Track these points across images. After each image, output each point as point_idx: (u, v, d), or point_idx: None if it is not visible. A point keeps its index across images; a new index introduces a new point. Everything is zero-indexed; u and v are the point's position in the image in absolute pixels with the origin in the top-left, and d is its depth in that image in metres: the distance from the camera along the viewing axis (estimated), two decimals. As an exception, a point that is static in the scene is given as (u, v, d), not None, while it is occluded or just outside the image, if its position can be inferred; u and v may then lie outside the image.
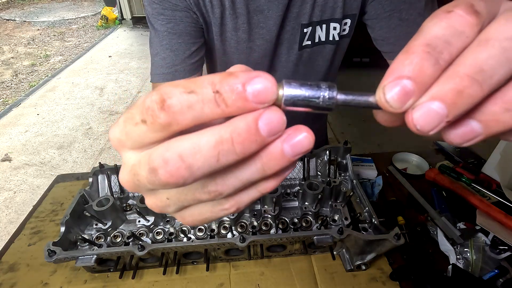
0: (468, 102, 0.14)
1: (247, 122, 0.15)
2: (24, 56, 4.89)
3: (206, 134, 0.15)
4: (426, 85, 0.15)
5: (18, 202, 2.25)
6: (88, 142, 2.90)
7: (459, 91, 0.14)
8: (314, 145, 0.16)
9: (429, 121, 0.15)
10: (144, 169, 0.16)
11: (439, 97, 0.14)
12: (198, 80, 0.15)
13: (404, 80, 0.14)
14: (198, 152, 0.15)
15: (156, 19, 0.63)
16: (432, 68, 0.15)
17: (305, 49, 0.71)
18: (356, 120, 3.08)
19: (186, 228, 0.67)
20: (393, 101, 0.15)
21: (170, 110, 0.15)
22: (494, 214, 0.71)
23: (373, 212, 0.63)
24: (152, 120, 0.15)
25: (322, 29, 0.68)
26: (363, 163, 0.91)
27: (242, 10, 0.63)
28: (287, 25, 0.67)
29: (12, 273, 0.66)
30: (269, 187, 0.18)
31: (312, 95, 0.16)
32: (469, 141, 0.16)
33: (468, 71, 0.14)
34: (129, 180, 0.18)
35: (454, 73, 0.14)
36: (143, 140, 0.16)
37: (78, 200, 0.66)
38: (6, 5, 7.53)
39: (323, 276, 0.64)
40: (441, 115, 0.14)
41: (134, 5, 6.14)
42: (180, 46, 0.65)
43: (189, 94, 0.15)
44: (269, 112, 0.15)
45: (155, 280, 0.64)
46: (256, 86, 0.15)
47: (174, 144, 0.15)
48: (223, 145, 0.15)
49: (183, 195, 0.18)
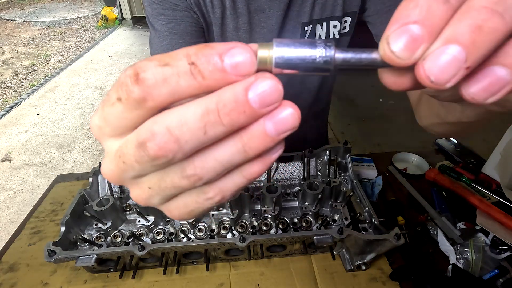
0: (490, 40, 0.12)
1: (234, 92, 0.14)
2: (24, 56, 4.89)
3: (192, 105, 0.14)
4: (437, 28, 0.12)
5: (18, 202, 2.25)
6: (88, 142, 2.90)
7: (478, 27, 0.12)
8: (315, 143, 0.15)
9: (445, 70, 0.12)
10: (132, 146, 0.15)
11: (454, 39, 0.12)
12: (173, 53, 0.14)
13: (410, 25, 0.12)
14: (185, 124, 0.14)
15: (156, 19, 0.63)
16: (442, 7, 0.12)
17: None
18: (356, 120, 3.08)
19: (186, 228, 0.67)
20: (400, 52, 0.13)
21: (144, 84, 0.14)
22: (494, 214, 0.70)
23: (373, 212, 0.63)
24: (126, 96, 0.14)
25: (323, 27, 0.68)
26: (363, 163, 0.91)
27: (243, 10, 0.63)
28: (288, 24, 0.67)
29: (12, 273, 0.66)
30: (255, 171, 0.17)
31: (306, 54, 0.14)
32: (496, 94, 0.13)
33: (485, 2, 0.12)
34: (113, 168, 0.17)
35: (468, 8, 0.12)
36: (121, 122, 0.15)
37: (78, 200, 0.66)
38: (6, 5, 7.53)
39: (323, 276, 0.64)
40: (458, 60, 0.12)
41: (134, 5, 6.14)
42: (181, 46, 0.64)
43: (164, 67, 0.14)
44: (260, 81, 0.14)
45: (155, 280, 0.64)
46: (234, 57, 0.14)
47: (161, 118, 0.14)
48: (209, 116, 0.14)
49: (163, 183, 0.17)
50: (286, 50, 0.14)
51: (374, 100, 3.38)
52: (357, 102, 3.33)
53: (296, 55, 0.14)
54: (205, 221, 0.69)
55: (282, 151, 0.16)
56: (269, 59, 0.14)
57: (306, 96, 0.86)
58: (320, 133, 1.03)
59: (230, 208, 0.64)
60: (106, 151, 0.17)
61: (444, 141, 1.03)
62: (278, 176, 0.77)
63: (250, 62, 0.14)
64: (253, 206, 0.69)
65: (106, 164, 0.17)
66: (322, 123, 1.03)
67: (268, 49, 0.14)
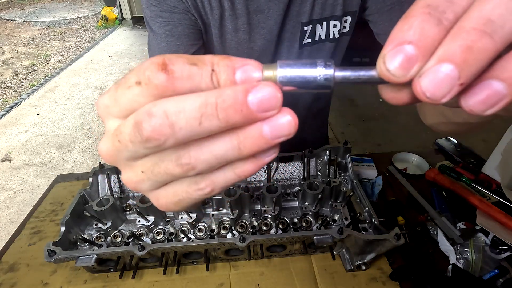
0: (481, 58, 0.13)
1: (235, 91, 0.15)
2: (24, 56, 4.89)
3: (194, 95, 0.15)
4: (430, 48, 0.13)
5: (18, 202, 2.25)
6: (88, 142, 2.90)
7: (468, 47, 0.12)
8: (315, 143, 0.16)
9: (440, 87, 0.13)
10: (129, 125, 0.16)
11: (447, 58, 0.13)
12: (201, 57, 0.16)
13: (405, 46, 0.13)
14: (182, 111, 0.15)
15: (154, 21, 0.63)
16: (435, 29, 0.13)
17: (305, 47, 0.71)
18: (356, 120, 3.08)
19: (186, 228, 0.67)
20: (395, 70, 0.14)
21: (170, 75, 0.15)
22: (494, 214, 0.70)
23: (373, 212, 0.63)
24: (147, 81, 0.15)
25: (322, 27, 0.68)
26: (363, 163, 0.91)
27: (242, 11, 0.63)
28: (288, 24, 0.67)
29: (12, 273, 0.66)
30: (246, 170, 0.17)
31: (308, 74, 0.15)
32: (493, 107, 0.13)
33: (475, 24, 0.13)
34: (109, 146, 0.17)
35: (459, 29, 0.13)
36: (131, 105, 0.16)
37: (78, 200, 0.66)
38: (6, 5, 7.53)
39: (323, 276, 0.64)
40: (452, 77, 0.13)
41: (134, 5, 6.13)
42: (178, 48, 0.65)
43: (192, 65, 0.15)
44: (262, 87, 0.15)
45: (155, 280, 0.64)
46: (246, 72, 0.16)
47: (161, 101, 0.15)
48: (207, 108, 0.15)
49: (157, 168, 0.17)
50: (289, 71, 0.15)
51: (374, 100, 3.38)
52: (357, 102, 3.33)
53: (298, 75, 0.15)
54: (205, 221, 0.69)
55: (275, 155, 0.17)
56: (273, 78, 0.16)
57: (306, 96, 0.86)
58: (320, 133, 1.03)
59: (230, 208, 0.64)
60: (107, 129, 0.18)
61: (444, 141, 1.03)
62: (278, 176, 0.77)
63: (258, 78, 0.16)
64: (253, 206, 0.69)
65: (103, 142, 0.18)
66: (322, 123, 1.02)
67: (272, 70, 0.16)
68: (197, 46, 0.67)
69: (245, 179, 0.76)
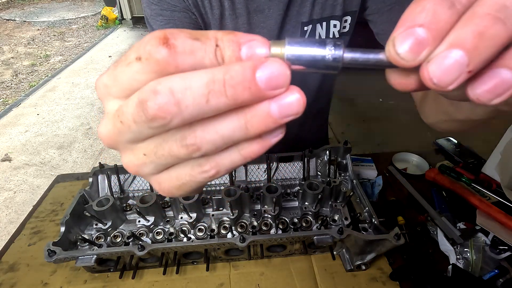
0: (492, 45, 0.12)
1: (243, 67, 0.14)
2: (24, 56, 4.89)
3: (200, 72, 0.14)
4: (442, 32, 0.13)
5: (18, 202, 2.25)
6: (88, 142, 2.90)
7: (480, 33, 0.12)
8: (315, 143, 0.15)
9: (447, 73, 0.13)
10: (132, 104, 0.15)
11: (457, 43, 0.12)
12: (204, 32, 0.15)
13: (416, 28, 0.13)
14: (189, 88, 0.14)
15: (155, 20, 0.64)
16: (448, 12, 0.13)
17: None
18: (356, 120, 3.08)
19: (186, 228, 0.67)
20: (405, 54, 0.13)
21: (172, 49, 0.14)
22: (494, 214, 0.70)
23: (373, 212, 0.63)
24: (148, 56, 0.14)
25: (323, 27, 0.68)
26: (363, 163, 0.91)
27: (242, 11, 0.63)
28: (288, 24, 0.67)
29: (12, 273, 0.66)
30: (252, 151, 0.17)
31: (316, 53, 0.15)
32: (501, 96, 0.13)
33: (489, 9, 0.12)
34: (110, 128, 0.16)
35: (472, 14, 0.12)
36: (131, 83, 0.15)
37: (78, 200, 0.66)
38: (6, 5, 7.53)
39: (323, 276, 0.64)
40: (460, 64, 0.12)
41: (134, 5, 6.13)
42: None
43: (194, 40, 0.15)
44: (271, 63, 0.14)
45: (155, 280, 0.64)
46: (252, 48, 0.15)
47: (165, 79, 0.14)
48: (214, 85, 0.14)
49: (161, 149, 0.16)
50: (298, 49, 0.15)
51: (374, 100, 3.38)
52: (357, 102, 3.33)
53: (307, 53, 0.15)
54: (205, 221, 0.69)
55: (282, 135, 0.17)
56: (281, 56, 0.15)
57: (306, 96, 0.85)
58: (320, 133, 1.03)
59: (230, 208, 0.64)
60: (107, 111, 0.17)
61: (444, 141, 1.03)
62: (278, 176, 0.77)
63: (264, 54, 0.15)
64: (253, 206, 0.69)
65: (104, 125, 0.17)
66: (322, 123, 1.02)
67: (280, 46, 0.15)
68: None
69: (245, 179, 0.76)
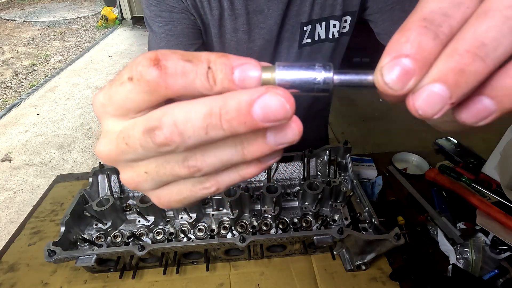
0: (472, 81, 0.13)
1: (239, 101, 0.14)
2: (24, 56, 4.89)
3: (199, 103, 0.15)
4: (427, 62, 0.13)
5: (18, 202, 2.25)
6: (88, 142, 2.90)
7: (461, 70, 0.13)
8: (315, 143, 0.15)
9: (432, 105, 0.14)
10: (139, 130, 0.16)
11: (440, 79, 0.13)
12: (196, 53, 0.15)
13: (403, 59, 0.13)
14: (189, 121, 0.15)
15: (154, 21, 0.64)
16: (432, 43, 0.13)
17: (304, 47, 0.71)
18: (356, 120, 3.08)
19: (186, 228, 0.67)
20: (393, 83, 0.14)
21: (163, 71, 0.15)
22: (494, 214, 0.70)
23: (373, 212, 0.63)
24: (139, 76, 0.15)
25: (322, 27, 0.68)
26: (363, 163, 0.91)
27: (241, 11, 0.63)
28: (287, 24, 0.67)
29: (12, 273, 0.66)
30: (250, 172, 0.18)
31: (306, 77, 0.15)
32: (483, 120, 0.14)
33: (468, 46, 0.13)
34: (112, 148, 0.17)
35: (453, 51, 0.13)
36: (125, 103, 0.16)
37: (78, 200, 0.66)
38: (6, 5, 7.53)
39: (323, 276, 0.64)
40: (443, 97, 0.13)
41: (134, 5, 6.13)
42: (177, 48, 0.66)
43: (186, 62, 0.15)
44: (269, 97, 0.14)
45: (155, 280, 0.64)
46: (244, 72, 0.15)
47: (170, 110, 0.15)
48: (211, 119, 0.14)
49: (162, 169, 0.17)
50: (287, 73, 0.15)
51: (374, 100, 3.38)
52: (357, 102, 3.33)
53: (297, 77, 0.15)
54: (205, 221, 0.69)
55: (279, 158, 0.17)
56: (272, 81, 0.15)
57: (306, 96, 0.86)
58: (320, 133, 1.03)
59: (230, 208, 0.64)
60: (105, 130, 0.17)
61: (444, 141, 1.03)
62: (278, 176, 0.77)
63: (257, 79, 0.15)
64: (253, 206, 0.69)
65: (104, 144, 0.17)
66: (322, 123, 1.03)
67: (270, 71, 0.15)
68: (197, 45, 0.68)
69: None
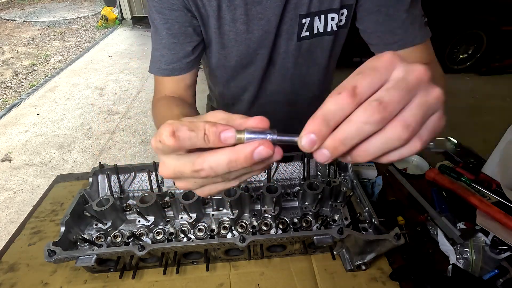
0: (341, 151, 0.26)
1: (245, 153, 0.26)
2: (24, 56, 4.89)
3: (223, 154, 0.27)
4: (323, 137, 0.25)
5: (18, 202, 2.25)
6: (88, 142, 2.90)
7: (335, 147, 0.25)
8: None
9: (322, 159, 0.26)
10: (188, 170, 0.28)
11: (326, 148, 0.26)
12: (197, 124, 0.27)
13: (310, 135, 0.25)
14: (219, 165, 0.27)
15: (155, 15, 0.66)
16: (325, 129, 0.25)
17: (303, 40, 0.71)
18: (356, 120, 3.08)
19: (186, 228, 0.67)
20: (306, 146, 0.26)
21: (177, 139, 0.26)
22: (494, 214, 0.70)
23: (373, 212, 0.63)
24: (164, 142, 0.26)
25: (321, 20, 0.68)
26: (363, 163, 0.91)
27: (239, 2, 0.64)
28: (286, 16, 0.67)
29: (12, 273, 0.66)
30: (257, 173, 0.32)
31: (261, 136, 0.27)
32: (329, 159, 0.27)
33: (340, 137, 0.25)
34: (170, 174, 0.29)
35: (334, 136, 0.25)
36: (165, 152, 0.28)
37: (78, 200, 0.66)
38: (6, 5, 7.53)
39: (323, 276, 0.64)
40: (327, 156, 0.26)
41: (134, 5, 6.14)
42: (176, 46, 0.67)
43: (191, 131, 0.26)
44: (261, 148, 0.26)
45: (155, 280, 0.64)
46: (226, 135, 0.27)
47: (207, 158, 0.27)
48: (231, 163, 0.27)
49: (205, 181, 0.30)
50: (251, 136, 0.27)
51: (374, 100, 3.37)
52: (357, 102, 3.33)
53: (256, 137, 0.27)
54: (205, 221, 0.69)
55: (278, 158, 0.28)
56: (242, 139, 0.27)
57: (308, 96, 0.86)
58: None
59: (230, 208, 0.64)
60: (163, 161, 0.29)
61: (444, 141, 1.03)
62: (278, 176, 0.77)
63: (233, 137, 0.27)
64: (253, 206, 0.69)
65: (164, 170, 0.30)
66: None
67: (241, 134, 0.27)
68: (194, 43, 0.69)
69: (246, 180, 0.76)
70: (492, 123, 2.97)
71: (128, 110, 3.40)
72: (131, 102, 3.55)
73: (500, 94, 3.60)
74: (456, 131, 2.87)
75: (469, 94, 3.64)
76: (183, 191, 0.67)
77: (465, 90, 3.73)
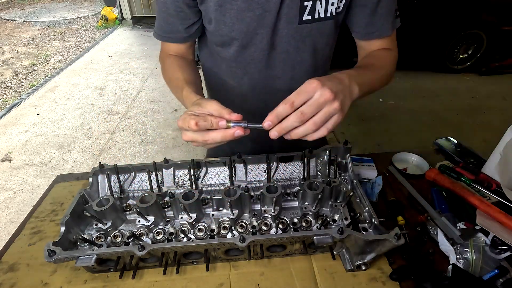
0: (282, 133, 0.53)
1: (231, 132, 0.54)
2: (24, 56, 4.89)
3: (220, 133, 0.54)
4: (274, 124, 0.52)
5: (18, 202, 2.25)
6: (88, 142, 2.90)
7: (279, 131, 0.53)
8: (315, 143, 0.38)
9: (273, 136, 0.53)
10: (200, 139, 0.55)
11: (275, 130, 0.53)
12: (207, 117, 0.54)
13: (269, 122, 0.52)
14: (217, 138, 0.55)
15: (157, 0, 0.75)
16: (276, 120, 0.52)
17: (305, 24, 0.71)
18: (356, 120, 3.09)
19: (186, 228, 0.67)
20: (266, 127, 0.53)
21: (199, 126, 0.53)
22: (494, 214, 0.71)
23: (373, 212, 0.63)
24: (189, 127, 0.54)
25: (322, 4, 0.69)
26: (363, 163, 0.91)
27: None
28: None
29: (12, 273, 0.67)
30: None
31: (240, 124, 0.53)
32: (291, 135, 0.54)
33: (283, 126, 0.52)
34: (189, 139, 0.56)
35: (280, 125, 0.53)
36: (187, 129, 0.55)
37: (78, 200, 0.66)
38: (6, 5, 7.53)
39: (323, 276, 0.64)
40: (275, 135, 0.53)
41: (134, 5, 6.13)
42: (172, 22, 0.77)
43: (204, 122, 0.53)
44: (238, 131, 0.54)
45: (155, 280, 0.64)
46: (221, 123, 0.53)
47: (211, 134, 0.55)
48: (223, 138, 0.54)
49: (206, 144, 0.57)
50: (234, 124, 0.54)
51: (374, 100, 3.38)
52: (357, 102, 3.31)
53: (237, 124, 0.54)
54: (205, 221, 0.69)
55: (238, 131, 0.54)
56: (229, 126, 0.54)
57: None
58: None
59: (230, 208, 0.64)
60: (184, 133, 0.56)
61: (444, 141, 1.03)
62: (278, 176, 0.77)
63: (225, 125, 0.54)
64: (253, 206, 0.69)
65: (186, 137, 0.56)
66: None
67: (229, 123, 0.53)
68: (189, 22, 0.76)
69: (245, 179, 0.76)
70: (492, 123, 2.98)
71: (128, 110, 3.40)
72: (131, 102, 3.55)
73: (500, 94, 3.60)
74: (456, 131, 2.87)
75: (469, 94, 3.65)
76: (183, 191, 0.67)
77: (465, 90, 3.73)
